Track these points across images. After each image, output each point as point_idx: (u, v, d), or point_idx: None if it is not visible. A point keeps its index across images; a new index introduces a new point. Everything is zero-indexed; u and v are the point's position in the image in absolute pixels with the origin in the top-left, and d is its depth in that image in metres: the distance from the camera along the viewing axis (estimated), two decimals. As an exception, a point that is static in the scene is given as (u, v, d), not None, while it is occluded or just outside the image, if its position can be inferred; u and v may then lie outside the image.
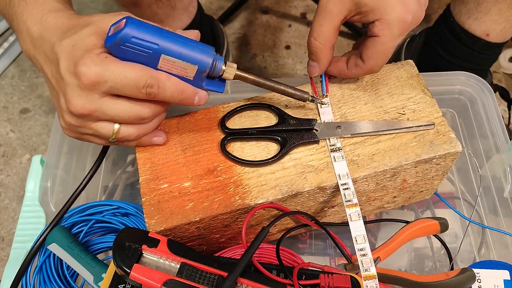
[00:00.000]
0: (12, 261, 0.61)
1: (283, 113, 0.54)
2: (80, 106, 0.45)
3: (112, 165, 0.74)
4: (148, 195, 0.51)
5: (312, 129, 0.53)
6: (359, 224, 0.49)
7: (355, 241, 0.48)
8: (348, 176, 0.50)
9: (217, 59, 0.47)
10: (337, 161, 0.51)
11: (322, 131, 0.53)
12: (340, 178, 0.50)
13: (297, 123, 0.53)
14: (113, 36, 0.43)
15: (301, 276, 0.48)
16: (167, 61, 0.45)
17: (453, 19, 0.79)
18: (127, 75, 0.44)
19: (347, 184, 0.50)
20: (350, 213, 0.49)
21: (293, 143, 0.52)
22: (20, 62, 1.09)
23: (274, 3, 1.13)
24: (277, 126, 0.53)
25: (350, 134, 0.53)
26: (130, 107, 0.46)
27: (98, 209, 0.61)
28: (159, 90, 0.45)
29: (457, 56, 0.82)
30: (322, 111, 0.55)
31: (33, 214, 0.65)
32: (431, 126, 0.53)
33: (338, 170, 0.51)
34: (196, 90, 0.48)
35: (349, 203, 0.49)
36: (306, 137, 0.53)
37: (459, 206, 0.70)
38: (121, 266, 0.42)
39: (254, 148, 0.53)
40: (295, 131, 0.53)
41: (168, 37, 0.44)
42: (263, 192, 0.50)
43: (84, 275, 0.56)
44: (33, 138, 0.98)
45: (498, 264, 0.53)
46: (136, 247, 0.44)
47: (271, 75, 1.02)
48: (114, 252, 0.43)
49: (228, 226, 0.53)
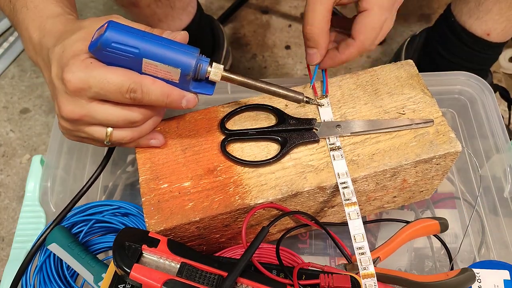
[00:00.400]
0: (12, 261, 0.61)
1: (283, 113, 0.54)
2: (70, 111, 0.45)
3: (112, 165, 0.74)
4: (148, 195, 0.51)
5: (312, 128, 0.53)
6: (358, 222, 0.49)
7: (354, 239, 0.48)
8: (347, 175, 0.50)
9: (201, 61, 0.46)
10: (337, 160, 0.51)
11: (322, 130, 0.53)
12: (339, 177, 0.50)
13: (297, 122, 0.53)
14: (96, 42, 0.43)
15: (301, 276, 0.48)
16: (150, 64, 0.44)
17: (453, 19, 0.78)
18: (110, 80, 0.44)
19: (346, 182, 0.50)
20: (349, 211, 0.49)
21: (293, 143, 0.52)
22: (20, 62, 1.09)
23: (274, 3, 1.13)
24: (277, 126, 0.54)
25: (350, 132, 0.53)
26: (118, 111, 0.46)
27: (98, 209, 0.61)
28: (143, 95, 0.45)
29: (458, 55, 0.82)
30: (322, 112, 0.55)
31: (33, 214, 0.65)
32: (431, 123, 0.53)
33: (337, 169, 0.51)
34: (183, 93, 0.47)
35: (348, 202, 0.49)
36: (306, 137, 0.53)
37: (459, 206, 0.70)
38: (121, 266, 0.42)
39: (254, 148, 0.53)
40: (295, 131, 0.53)
41: (150, 41, 0.44)
42: (263, 192, 0.50)
43: (84, 275, 0.56)
44: (33, 138, 0.98)
45: (498, 264, 0.53)
46: (136, 247, 0.44)
47: (271, 75, 1.02)
48: (114, 252, 0.43)
49: (228, 226, 0.53)
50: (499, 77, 0.98)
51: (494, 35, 0.75)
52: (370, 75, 0.58)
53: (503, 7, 0.71)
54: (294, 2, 1.13)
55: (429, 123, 0.53)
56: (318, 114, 0.55)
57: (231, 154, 0.52)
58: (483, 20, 0.74)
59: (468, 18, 0.76)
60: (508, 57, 0.96)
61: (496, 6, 0.71)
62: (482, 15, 0.74)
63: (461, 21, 0.77)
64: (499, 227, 0.63)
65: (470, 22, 0.76)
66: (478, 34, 0.76)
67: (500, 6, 0.71)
